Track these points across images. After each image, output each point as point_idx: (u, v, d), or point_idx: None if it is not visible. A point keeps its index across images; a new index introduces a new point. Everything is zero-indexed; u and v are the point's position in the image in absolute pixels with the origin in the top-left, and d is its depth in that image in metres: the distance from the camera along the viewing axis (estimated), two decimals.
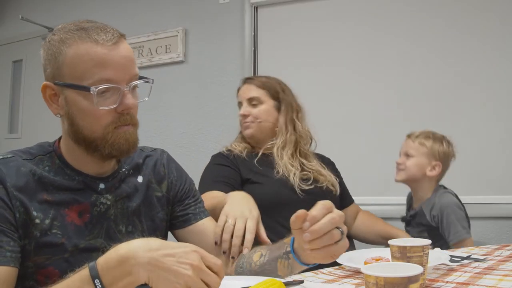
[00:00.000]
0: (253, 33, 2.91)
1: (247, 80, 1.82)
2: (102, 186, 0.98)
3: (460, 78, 2.44)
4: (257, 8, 2.93)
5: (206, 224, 1.15)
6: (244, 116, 1.74)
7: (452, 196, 1.75)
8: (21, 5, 3.71)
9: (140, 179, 1.07)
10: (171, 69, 3.10)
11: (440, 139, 1.78)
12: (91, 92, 0.88)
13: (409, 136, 1.82)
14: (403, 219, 1.86)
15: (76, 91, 0.90)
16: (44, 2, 3.61)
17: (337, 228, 0.84)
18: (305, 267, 0.96)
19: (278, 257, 1.00)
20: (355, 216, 1.85)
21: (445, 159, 1.77)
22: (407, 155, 1.78)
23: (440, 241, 1.66)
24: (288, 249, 0.97)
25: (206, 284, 0.74)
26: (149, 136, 2.99)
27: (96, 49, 0.88)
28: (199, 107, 3.03)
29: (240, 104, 1.80)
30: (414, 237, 1.72)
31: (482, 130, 2.39)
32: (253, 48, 2.90)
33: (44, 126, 3.47)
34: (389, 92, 2.56)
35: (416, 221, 1.76)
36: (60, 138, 1.01)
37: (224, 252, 1.11)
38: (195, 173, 1.69)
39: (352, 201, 1.86)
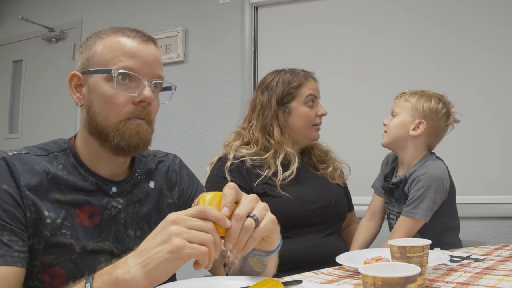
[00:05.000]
0: (253, 33, 2.91)
1: (314, 76, 1.72)
2: (114, 189, 0.98)
3: (459, 79, 2.44)
4: (257, 8, 2.93)
5: None
6: (323, 116, 1.67)
7: (444, 167, 1.56)
8: (21, 5, 3.71)
9: (152, 184, 1.07)
10: (171, 69, 3.10)
11: (429, 95, 1.59)
12: (112, 74, 0.91)
13: (397, 95, 1.67)
14: (383, 187, 1.67)
15: (99, 77, 0.93)
16: (44, 2, 3.61)
17: (249, 216, 0.79)
18: (269, 256, 0.94)
19: (247, 256, 1.00)
20: (348, 225, 1.83)
21: (432, 117, 1.56)
22: (393, 115, 1.62)
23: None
24: None
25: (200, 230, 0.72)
26: None
27: (126, 41, 0.94)
28: (199, 107, 3.03)
29: (313, 97, 1.66)
30: (397, 211, 1.61)
31: (482, 130, 2.39)
32: (253, 48, 2.90)
33: (44, 126, 3.48)
34: (389, 92, 2.55)
35: (399, 192, 1.59)
36: (75, 136, 1.01)
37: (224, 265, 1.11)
38: (195, 173, 1.69)
39: (351, 209, 1.83)
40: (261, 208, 0.82)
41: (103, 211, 0.96)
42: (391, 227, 1.68)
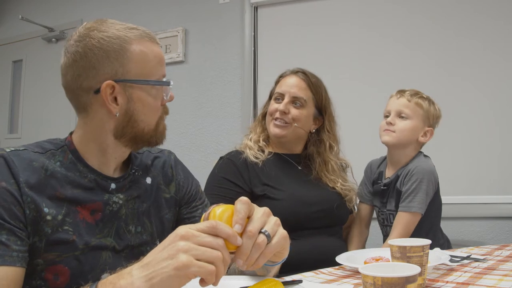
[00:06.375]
0: (253, 33, 2.91)
1: (298, 74, 1.66)
2: (113, 186, 0.98)
3: (459, 79, 2.44)
4: (257, 8, 2.93)
5: None
6: (283, 113, 1.62)
7: (432, 163, 1.60)
8: (21, 5, 3.71)
9: (149, 180, 1.07)
10: (171, 69, 3.09)
11: (431, 101, 1.61)
12: (170, 86, 0.99)
13: (401, 94, 1.62)
14: (375, 189, 1.68)
15: (142, 87, 0.94)
16: (44, 2, 3.61)
17: (261, 232, 0.78)
18: (274, 265, 0.95)
19: None
20: (349, 225, 1.81)
21: (435, 123, 1.62)
22: (401, 116, 1.59)
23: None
24: None
25: (208, 247, 0.71)
26: None
27: (155, 48, 0.97)
28: (199, 107, 3.03)
29: (280, 96, 1.64)
30: (390, 213, 1.61)
31: (482, 130, 2.39)
32: (253, 48, 2.90)
33: (44, 126, 3.48)
34: (389, 92, 2.55)
35: (390, 191, 1.60)
36: (71, 133, 0.99)
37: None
38: (195, 173, 1.68)
39: (351, 211, 1.80)
40: (273, 224, 0.80)
41: (105, 207, 0.96)
42: (382, 229, 1.69)
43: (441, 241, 1.64)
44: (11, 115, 3.71)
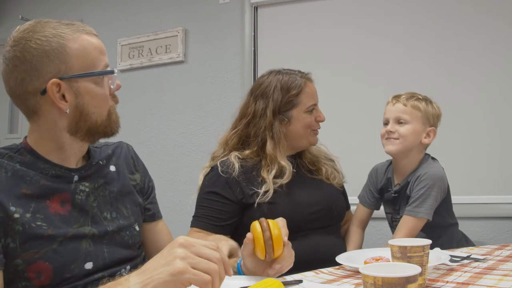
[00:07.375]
0: (253, 33, 2.91)
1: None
2: (76, 178, 0.99)
3: (459, 79, 2.44)
4: (257, 8, 2.93)
5: (164, 226, 1.21)
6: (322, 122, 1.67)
7: (441, 167, 1.58)
8: (21, 5, 3.71)
9: (113, 168, 1.10)
10: (171, 69, 3.10)
11: (428, 100, 1.60)
12: (115, 75, 1.00)
13: (397, 99, 1.61)
14: (386, 197, 1.65)
15: (89, 79, 0.95)
16: (44, 2, 3.61)
17: None
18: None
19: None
20: (344, 223, 1.79)
21: (436, 122, 1.60)
22: (399, 122, 1.57)
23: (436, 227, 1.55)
24: (235, 270, 1.07)
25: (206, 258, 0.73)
26: (148, 136, 2.99)
27: (93, 39, 0.97)
28: (199, 107, 3.03)
29: (314, 106, 1.67)
30: (401, 216, 1.57)
31: (482, 130, 2.39)
32: (253, 48, 2.90)
33: None
34: (389, 92, 2.55)
35: (401, 197, 1.59)
36: (25, 138, 1.00)
37: None
38: (195, 174, 1.69)
39: (347, 208, 1.80)
40: None
41: (73, 197, 0.97)
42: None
43: (459, 237, 1.63)
44: (11, 115, 3.71)
